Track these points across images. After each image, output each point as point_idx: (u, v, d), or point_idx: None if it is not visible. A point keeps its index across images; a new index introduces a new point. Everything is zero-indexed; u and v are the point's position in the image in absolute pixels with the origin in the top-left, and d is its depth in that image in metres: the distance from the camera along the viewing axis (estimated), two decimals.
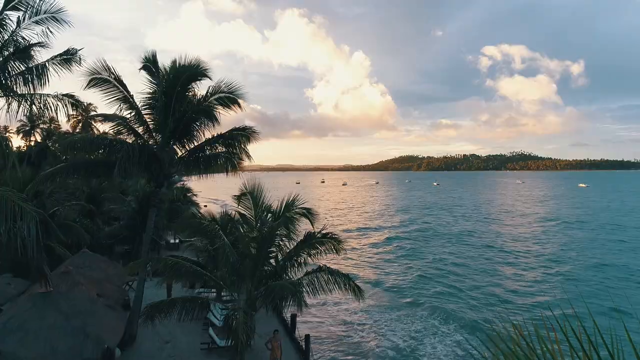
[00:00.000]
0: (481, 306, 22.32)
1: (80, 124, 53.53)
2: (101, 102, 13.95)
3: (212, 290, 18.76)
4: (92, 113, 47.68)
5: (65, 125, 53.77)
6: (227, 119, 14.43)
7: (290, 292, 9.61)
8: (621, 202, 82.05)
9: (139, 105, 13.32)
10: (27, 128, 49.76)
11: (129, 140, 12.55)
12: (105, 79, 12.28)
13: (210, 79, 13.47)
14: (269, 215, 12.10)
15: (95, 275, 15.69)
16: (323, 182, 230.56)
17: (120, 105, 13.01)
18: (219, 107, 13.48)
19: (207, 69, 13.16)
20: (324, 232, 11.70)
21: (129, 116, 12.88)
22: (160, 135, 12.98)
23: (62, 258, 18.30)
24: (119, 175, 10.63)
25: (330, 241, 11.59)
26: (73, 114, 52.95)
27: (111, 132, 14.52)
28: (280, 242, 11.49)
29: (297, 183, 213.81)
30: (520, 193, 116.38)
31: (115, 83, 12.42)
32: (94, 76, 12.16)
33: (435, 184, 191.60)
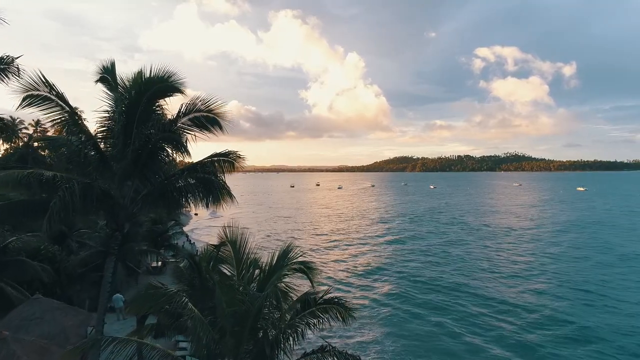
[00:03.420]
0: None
1: (65, 128, 50.24)
2: (97, 103, 11.14)
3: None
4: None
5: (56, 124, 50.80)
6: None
7: None
8: None
9: (95, 128, 10.65)
10: (8, 133, 46.12)
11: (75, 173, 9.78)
12: (44, 96, 9.50)
13: (184, 93, 10.77)
14: (257, 272, 9.45)
15: (45, 331, 12.89)
16: (318, 185, 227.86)
17: (67, 128, 10.30)
18: (195, 129, 10.79)
19: (179, 81, 10.43)
20: (327, 297, 9.05)
21: (77, 142, 10.13)
22: (118, 166, 10.25)
23: (14, 303, 15.43)
24: (49, 229, 7.86)
25: (335, 307, 8.95)
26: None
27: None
28: (272, 314, 8.82)
29: (291, 186, 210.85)
30: (522, 199, 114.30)
31: (58, 101, 9.65)
32: (29, 92, 9.36)
33: (432, 187, 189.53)
